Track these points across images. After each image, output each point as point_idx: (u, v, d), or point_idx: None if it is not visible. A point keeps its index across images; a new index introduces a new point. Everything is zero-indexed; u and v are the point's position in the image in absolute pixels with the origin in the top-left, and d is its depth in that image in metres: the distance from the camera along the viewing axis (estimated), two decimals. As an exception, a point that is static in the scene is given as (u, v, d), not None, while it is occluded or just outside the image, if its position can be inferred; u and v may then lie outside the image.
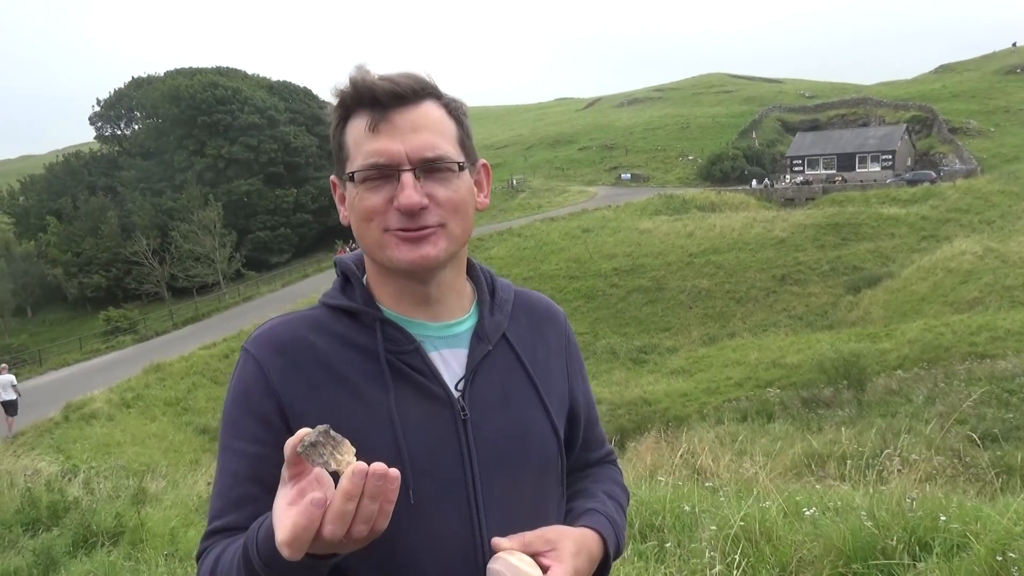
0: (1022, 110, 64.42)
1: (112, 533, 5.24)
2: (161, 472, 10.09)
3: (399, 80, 1.09)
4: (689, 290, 35.05)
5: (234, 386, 1.14)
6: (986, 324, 21.64)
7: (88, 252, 49.94)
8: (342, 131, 1.12)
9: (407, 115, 1.08)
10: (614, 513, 1.26)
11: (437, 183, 1.09)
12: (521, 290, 1.33)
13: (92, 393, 21.17)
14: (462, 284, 1.22)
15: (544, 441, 1.19)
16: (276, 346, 1.12)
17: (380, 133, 1.07)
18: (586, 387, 1.36)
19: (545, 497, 1.20)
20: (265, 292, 39.72)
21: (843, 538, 3.42)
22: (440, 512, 1.09)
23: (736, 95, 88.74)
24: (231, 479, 1.10)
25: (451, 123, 1.13)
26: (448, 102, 1.14)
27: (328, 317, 1.17)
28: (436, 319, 1.18)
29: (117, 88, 61.27)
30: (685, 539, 3.79)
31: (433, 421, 1.11)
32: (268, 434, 1.08)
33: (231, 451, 1.11)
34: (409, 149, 1.07)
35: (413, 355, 1.13)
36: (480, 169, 1.21)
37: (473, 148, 1.17)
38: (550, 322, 1.31)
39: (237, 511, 1.08)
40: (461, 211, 1.12)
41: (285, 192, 53.49)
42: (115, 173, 56.72)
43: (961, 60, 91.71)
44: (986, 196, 39.95)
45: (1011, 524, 3.25)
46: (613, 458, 1.44)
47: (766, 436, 12.42)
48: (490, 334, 1.19)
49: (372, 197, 1.08)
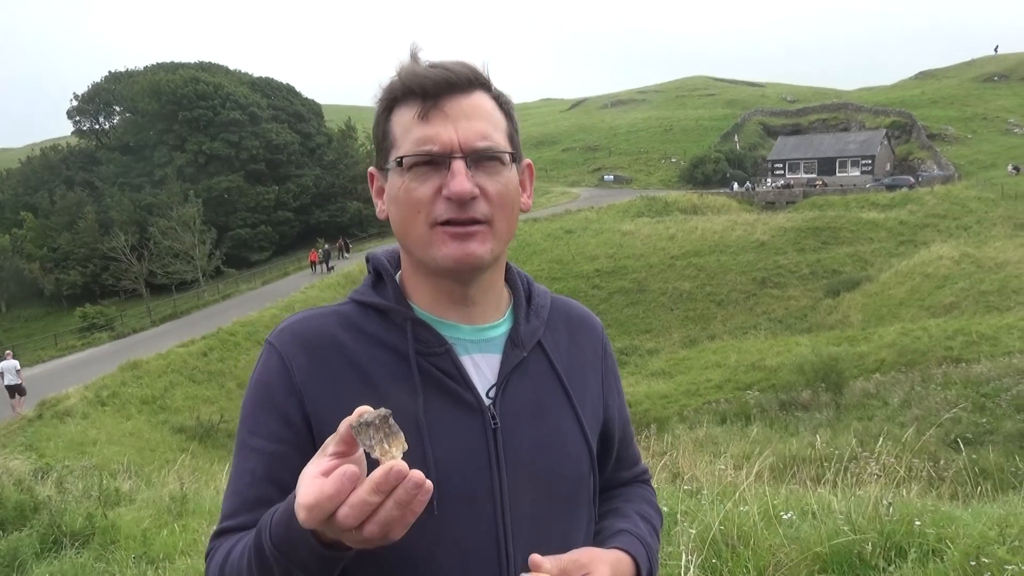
0: (999, 117, 65.32)
1: (82, 534, 5.15)
2: (135, 472, 9.96)
3: (452, 67, 1.05)
4: (670, 292, 35.22)
5: (255, 381, 1.09)
6: (962, 328, 21.90)
7: (65, 247, 49.32)
8: (387, 119, 1.08)
9: (459, 103, 1.04)
10: (647, 536, 1.20)
11: (487, 175, 1.04)
12: (558, 297, 1.28)
13: (67, 390, 20.88)
14: (500, 287, 1.18)
15: (577, 456, 1.13)
16: (302, 341, 1.08)
17: (431, 120, 1.03)
18: (622, 402, 1.30)
19: (575, 515, 1.15)
20: (245, 290, 39.39)
21: (820, 542, 3.42)
22: (465, 525, 1.04)
23: (719, 98, 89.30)
24: (248, 477, 1.06)
25: (501, 116, 1.09)
26: (498, 95, 1.10)
27: (357, 314, 1.12)
28: (470, 321, 1.13)
29: (95, 82, 60.60)
30: (663, 542, 3.78)
31: (462, 429, 1.06)
32: (288, 432, 1.04)
33: (249, 449, 1.07)
34: (462, 137, 1.03)
35: (444, 358, 1.09)
36: (525, 168, 1.17)
37: (519, 145, 1.13)
38: (587, 332, 1.26)
39: (250, 512, 1.03)
40: (508, 207, 1.07)
41: (266, 189, 53.14)
42: (93, 168, 56.10)
43: (940, 67, 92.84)
44: (963, 202, 40.47)
45: (985, 529, 3.27)
46: (647, 478, 1.38)
47: (745, 439, 12.47)
48: (525, 340, 1.15)
49: (420, 187, 1.03)
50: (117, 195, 50.70)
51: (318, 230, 53.73)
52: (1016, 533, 3.28)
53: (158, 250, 41.77)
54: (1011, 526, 3.40)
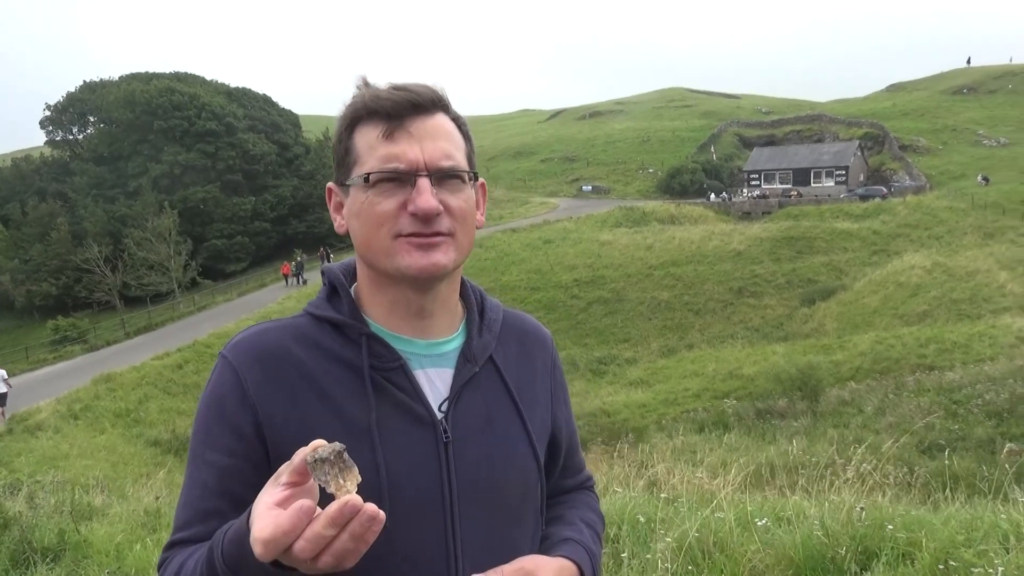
0: (968, 129, 66.57)
1: (54, 550, 5.07)
2: (109, 486, 9.81)
3: (416, 89, 1.09)
4: (648, 302, 35.40)
5: (209, 394, 1.10)
6: (934, 336, 22.24)
7: (37, 259, 48.53)
8: (349, 136, 1.10)
9: (423, 124, 1.08)
10: (591, 542, 1.24)
11: (449, 192, 1.08)
12: (510, 311, 1.31)
13: (38, 404, 20.56)
14: (455, 302, 1.20)
15: (525, 468, 1.17)
16: (256, 355, 1.09)
17: (396, 139, 1.06)
18: (569, 413, 1.34)
19: (523, 524, 1.18)
20: (221, 301, 39.02)
21: (794, 548, 3.46)
22: (416, 536, 1.07)
23: (695, 110, 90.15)
24: (199, 490, 1.07)
25: (460, 137, 1.14)
26: (456, 117, 1.15)
27: (312, 327, 1.13)
28: (424, 336, 1.15)
29: (69, 92, 59.88)
30: (640, 550, 3.80)
31: (414, 442, 1.09)
32: (241, 446, 1.06)
33: (202, 461, 1.07)
34: (427, 156, 1.06)
35: (397, 372, 1.11)
36: (479, 187, 1.20)
37: (475, 165, 1.17)
38: (537, 345, 1.30)
39: (203, 524, 1.05)
40: (468, 222, 1.11)
41: (243, 200, 52.73)
42: (66, 179, 55.32)
43: (911, 79, 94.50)
44: (934, 212, 41.15)
45: (954, 533, 3.32)
46: (591, 484, 1.43)
47: (722, 447, 12.56)
48: (477, 355, 1.18)
49: (384, 202, 1.06)
50: (91, 206, 50.06)
51: (295, 241, 53.39)
52: (982, 537, 3.35)
53: (132, 261, 41.26)
54: (978, 530, 3.46)
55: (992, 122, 67.69)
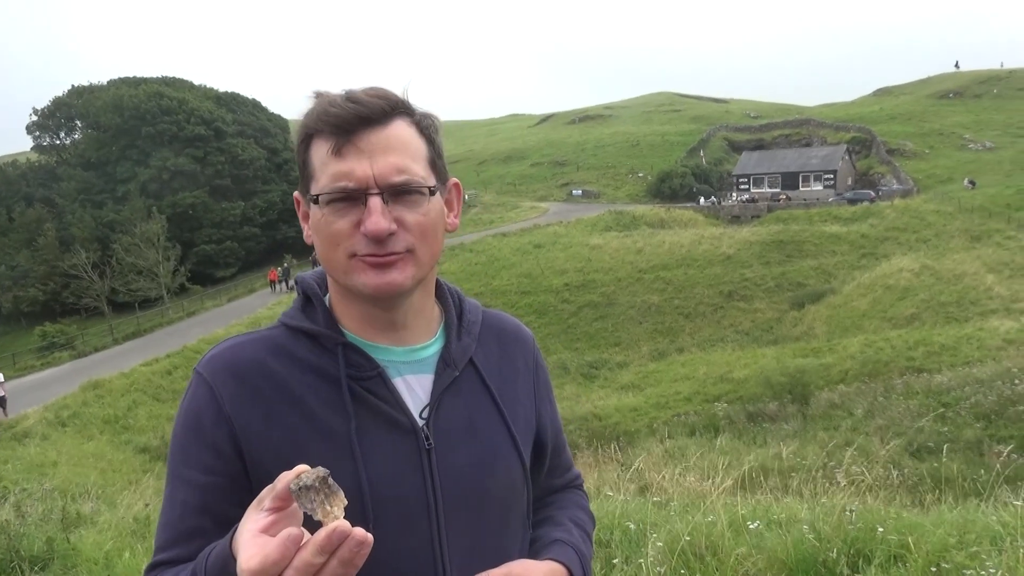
0: (955, 133, 67.09)
1: (42, 559, 5.02)
2: (97, 493, 9.72)
3: (365, 100, 1.03)
4: (639, 306, 35.46)
5: (184, 411, 1.08)
6: (923, 339, 22.37)
7: (24, 265, 48.20)
8: (306, 149, 1.07)
9: (373, 136, 1.03)
10: (580, 543, 1.22)
11: (406, 207, 1.04)
12: (489, 312, 1.29)
13: (25, 411, 20.39)
14: (430, 307, 1.18)
15: (510, 472, 1.15)
16: (231, 369, 1.07)
17: (345, 156, 1.02)
18: (554, 412, 1.32)
19: (510, 529, 1.17)
20: (210, 307, 38.84)
21: (786, 551, 3.46)
22: (401, 546, 1.05)
23: (684, 114, 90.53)
24: (179, 509, 1.05)
25: (421, 142, 1.08)
26: (420, 119, 1.09)
27: (287, 338, 1.11)
28: (401, 343, 1.13)
29: (57, 96, 59.54)
30: (632, 554, 3.79)
31: (396, 451, 1.07)
32: (219, 463, 1.04)
33: (180, 480, 1.06)
34: (377, 172, 1.02)
35: (376, 381, 1.09)
36: (451, 188, 1.17)
37: (444, 167, 1.13)
38: (518, 345, 1.28)
39: (184, 544, 1.03)
40: (430, 235, 1.07)
41: (232, 205, 52.54)
42: (53, 184, 54.97)
43: (898, 84, 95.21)
44: (922, 215, 41.42)
45: (945, 535, 3.34)
46: (580, 483, 1.41)
47: (713, 450, 12.58)
48: (457, 359, 1.16)
49: (338, 221, 1.03)
50: (78, 211, 49.76)
51: (285, 246, 53.20)
52: (974, 539, 3.36)
53: (121, 267, 41.00)
54: (970, 532, 3.48)
55: (978, 126, 68.26)
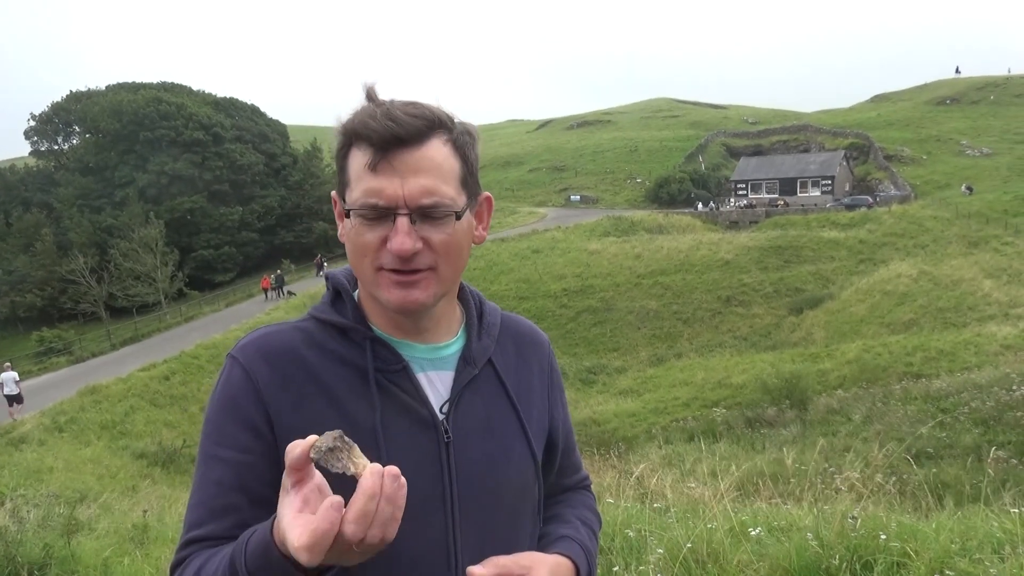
0: (952, 139, 67.26)
1: (40, 565, 5.00)
2: (95, 499, 9.68)
3: (402, 120, 1.06)
4: (637, 311, 35.47)
5: (220, 394, 1.12)
6: (921, 345, 22.39)
7: (21, 270, 48.12)
8: (345, 156, 1.11)
9: (408, 157, 1.06)
10: (587, 540, 1.27)
11: (433, 227, 1.07)
12: (508, 315, 1.34)
13: (22, 416, 20.31)
14: (452, 309, 1.23)
15: (523, 468, 1.20)
16: (264, 355, 1.12)
17: (379, 173, 1.05)
18: (566, 414, 1.37)
19: (520, 523, 1.21)
20: (208, 312, 38.78)
21: (788, 558, 3.45)
22: (417, 533, 1.09)
23: (682, 120, 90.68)
24: (215, 488, 1.07)
25: (455, 161, 1.10)
26: (457, 136, 1.11)
27: (318, 330, 1.16)
28: (425, 341, 1.19)
29: (55, 101, 59.57)
30: (633, 561, 3.78)
31: (417, 442, 1.12)
32: (257, 443, 1.07)
33: (216, 459, 1.08)
34: (407, 193, 1.05)
35: (401, 375, 1.14)
36: (483, 202, 1.20)
37: (477, 182, 1.15)
38: (534, 348, 1.33)
39: (218, 520, 1.06)
40: (453, 255, 1.11)
41: (230, 210, 52.54)
42: (51, 189, 54.96)
43: (895, 90, 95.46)
44: (919, 221, 41.50)
45: (947, 542, 3.33)
46: (588, 484, 1.45)
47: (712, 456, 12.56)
48: (476, 358, 1.21)
49: (367, 234, 1.07)
50: (76, 216, 49.71)
51: (283, 251, 53.19)
52: (977, 546, 3.35)
53: (119, 272, 40.96)
54: (972, 539, 3.47)
55: (975, 132, 68.45)
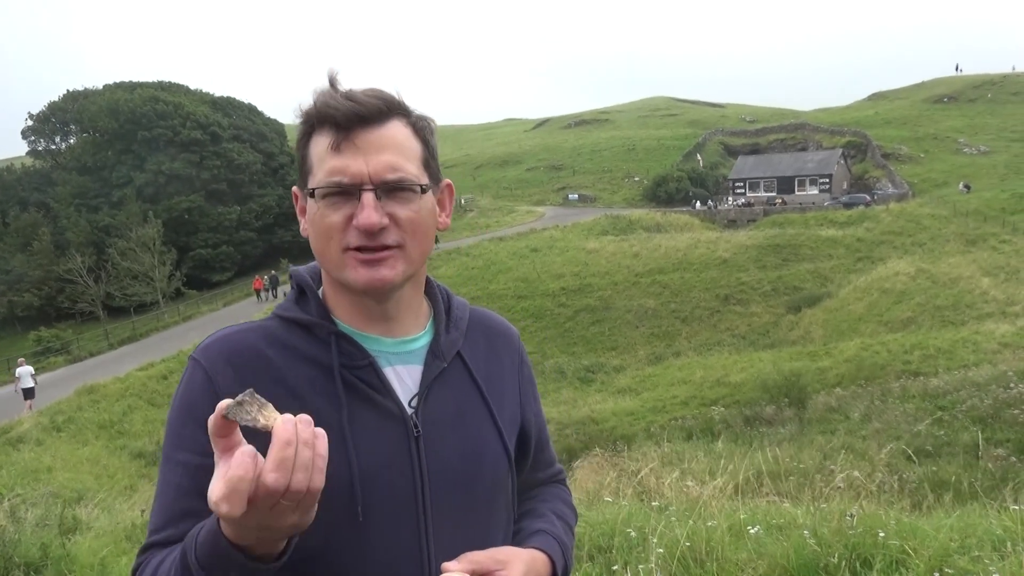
0: (949, 137, 67.32)
1: (37, 564, 4.98)
2: (93, 499, 9.67)
3: (363, 100, 1.07)
4: (635, 309, 35.46)
5: (180, 395, 1.11)
6: (919, 343, 22.39)
7: (19, 269, 48.03)
8: (306, 144, 1.11)
9: (370, 135, 1.07)
10: (563, 534, 1.26)
11: (398, 203, 1.08)
12: (477, 309, 1.33)
13: (19, 416, 20.28)
14: (419, 302, 1.22)
15: (495, 461, 1.19)
16: (226, 356, 1.10)
17: (342, 152, 1.06)
18: (538, 407, 1.36)
19: (494, 517, 1.20)
20: (206, 311, 38.73)
21: (787, 556, 3.45)
22: (388, 529, 1.08)
23: (680, 118, 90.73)
24: (173, 491, 1.07)
25: (416, 143, 1.12)
26: (415, 120, 1.13)
27: (282, 329, 1.15)
28: (392, 335, 1.17)
29: (52, 101, 59.48)
30: (633, 560, 3.77)
31: (385, 437, 1.10)
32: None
33: (174, 462, 1.08)
34: (371, 169, 1.06)
35: (367, 370, 1.13)
36: (444, 189, 1.20)
37: (438, 168, 1.17)
38: (504, 341, 1.32)
39: (177, 525, 1.04)
40: (420, 232, 1.11)
41: (228, 209, 52.47)
42: (49, 188, 54.87)
43: (893, 88, 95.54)
44: (917, 219, 41.53)
45: (947, 540, 3.32)
46: (562, 477, 1.45)
47: (711, 455, 12.56)
48: (445, 351, 1.20)
49: (332, 215, 1.07)
50: (73, 216, 49.63)
51: (281, 250, 53.12)
52: (976, 543, 3.35)
53: (116, 272, 40.92)
54: (971, 537, 3.47)
55: (973, 130, 68.54)
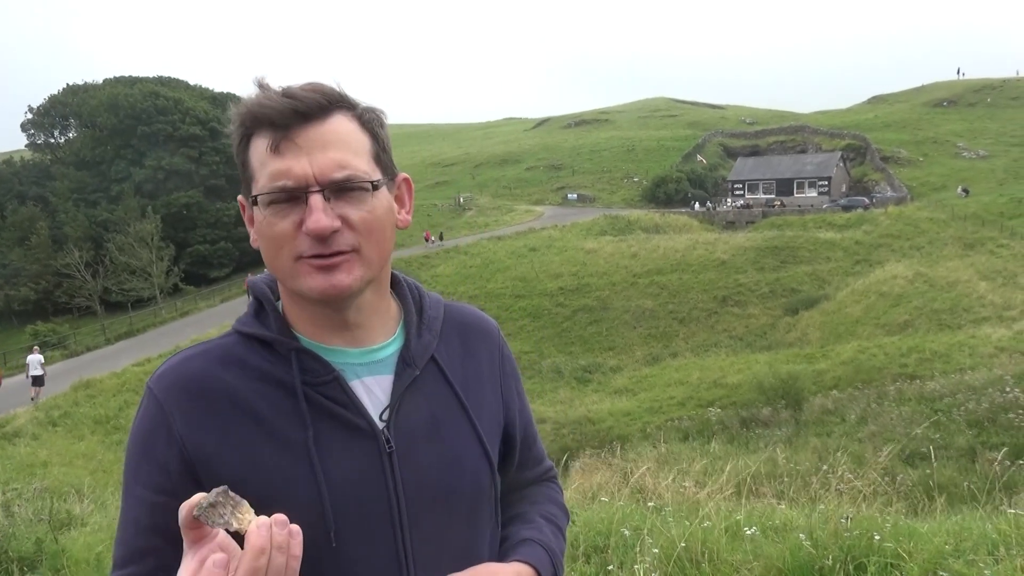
0: (948, 141, 67.42)
1: (31, 559, 4.97)
2: (88, 494, 9.65)
3: (301, 95, 0.99)
4: (633, 310, 35.49)
5: (136, 428, 1.06)
6: (915, 346, 22.42)
7: (16, 263, 47.98)
8: (245, 150, 1.04)
9: (312, 132, 0.99)
10: (551, 539, 1.20)
11: (349, 204, 1.00)
12: (452, 304, 1.25)
13: (15, 411, 20.27)
14: (386, 305, 1.14)
15: (476, 471, 1.12)
16: (181, 385, 1.04)
17: (283, 153, 0.98)
18: (523, 404, 1.28)
19: (477, 530, 1.14)
20: (204, 307, 38.73)
21: (782, 558, 3.45)
22: (365, 554, 1.03)
23: (680, 119, 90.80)
24: (132, 527, 1.03)
25: (364, 137, 1.04)
26: (361, 113, 1.05)
27: (241, 347, 1.09)
28: (357, 344, 1.09)
29: (52, 95, 59.40)
30: (628, 560, 3.77)
31: (356, 456, 1.04)
32: (169, 482, 1.01)
33: (133, 497, 1.04)
34: (316, 169, 0.98)
35: (332, 386, 1.05)
36: (401, 184, 1.12)
37: (391, 162, 1.08)
38: (482, 338, 1.23)
39: (139, 563, 1.02)
40: (377, 233, 1.03)
41: (227, 205, 52.39)
42: (47, 183, 54.78)
43: (893, 92, 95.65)
44: (915, 223, 41.59)
45: (941, 543, 3.33)
46: (552, 475, 1.37)
47: (707, 456, 12.58)
48: (417, 358, 1.12)
49: (280, 222, 1.00)
50: (72, 210, 49.58)
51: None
52: (971, 547, 3.35)
53: (114, 267, 40.85)
54: (966, 540, 3.47)
55: (972, 134, 68.63)
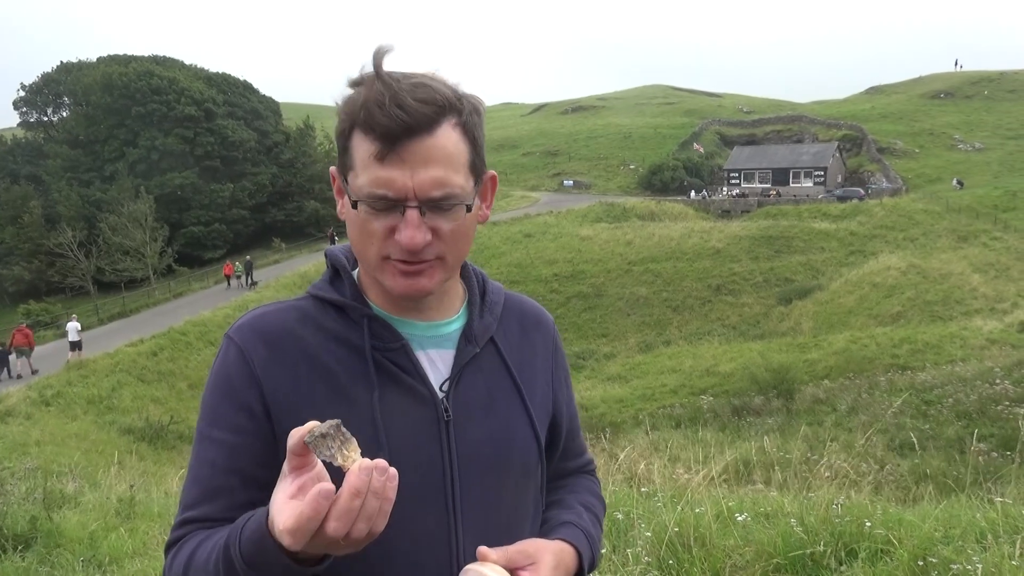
0: (945, 133, 67.45)
1: (25, 537, 4.99)
2: (81, 473, 9.66)
3: (412, 108, 1.00)
4: (627, 297, 35.56)
5: (215, 373, 1.11)
6: (907, 337, 22.56)
7: (8, 243, 47.74)
8: (348, 136, 1.05)
9: (417, 147, 1.01)
10: (590, 526, 1.25)
11: (443, 218, 1.05)
12: (512, 294, 1.31)
13: (8, 390, 20.22)
14: (454, 287, 1.21)
15: (526, 447, 1.17)
16: (261, 335, 1.10)
17: (387, 164, 1.01)
18: (570, 396, 1.35)
19: (523, 504, 1.19)
20: (197, 288, 38.62)
21: (773, 543, 3.48)
22: (417, 513, 1.08)
23: (677, 107, 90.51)
24: (208, 468, 1.07)
25: (464, 146, 1.06)
26: (466, 119, 1.06)
27: (315, 309, 1.15)
28: (425, 319, 1.16)
29: (45, 72, 58.90)
30: (620, 544, 3.81)
31: (416, 421, 1.10)
32: (250, 423, 1.07)
33: (210, 440, 1.08)
34: (416, 185, 1.01)
35: (399, 353, 1.12)
36: (487, 181, 1.16)
37: (483, 162, 1.12)
38: (538, 328, 1.30)
39: (212, 502, 1.06)
40: (461, 241, 1.09)
41: (221, 187, 52.19)
42: (40, 161, 54.44)
43: (890, 83, 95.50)
44: (910, 214, 41.68)
45: (931, 530, 3.37)
46: (592, 468, 1.43)
47: (699, 443, 12.65)
48: (478, 336, 1.18)
49: (374, 222, 1.04)
50: (65, 190, 49.25)
51: (274, 229, 52.96)
52: (960, 534, 3.40)
53: (107, 247, 40.69)
54: (955, 527, 3.51)
55: (968, 127, 68.66)
